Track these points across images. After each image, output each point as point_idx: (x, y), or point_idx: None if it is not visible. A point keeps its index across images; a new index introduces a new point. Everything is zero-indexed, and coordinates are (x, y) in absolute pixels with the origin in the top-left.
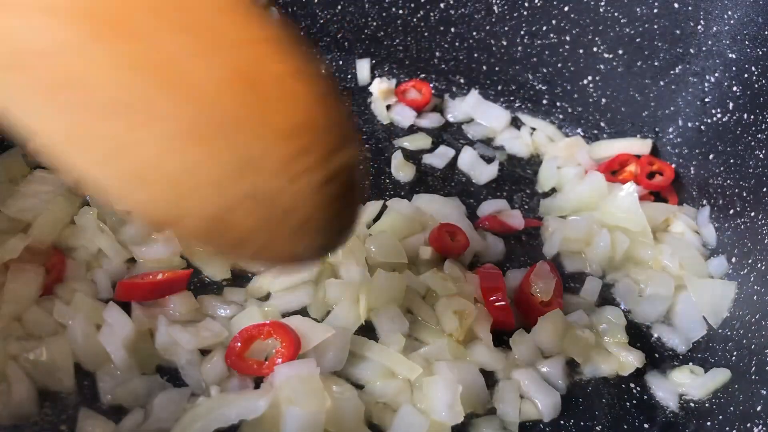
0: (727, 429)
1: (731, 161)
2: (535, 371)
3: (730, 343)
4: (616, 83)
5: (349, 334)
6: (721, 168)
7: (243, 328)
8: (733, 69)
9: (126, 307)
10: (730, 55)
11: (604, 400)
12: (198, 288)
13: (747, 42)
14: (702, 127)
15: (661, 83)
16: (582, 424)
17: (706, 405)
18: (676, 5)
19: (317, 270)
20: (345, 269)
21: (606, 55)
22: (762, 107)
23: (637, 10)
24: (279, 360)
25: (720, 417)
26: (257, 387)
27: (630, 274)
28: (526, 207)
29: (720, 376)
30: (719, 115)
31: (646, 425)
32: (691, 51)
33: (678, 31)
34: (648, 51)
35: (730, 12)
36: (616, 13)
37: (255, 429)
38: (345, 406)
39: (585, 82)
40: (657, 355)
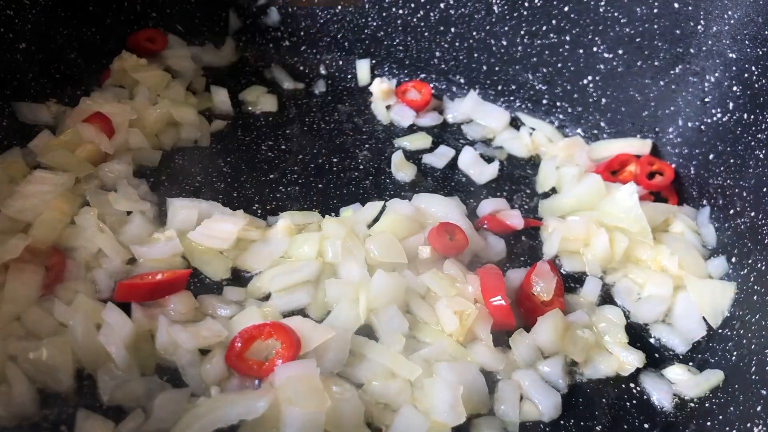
0: (727, 429)
1: (731, 161)
2: (536, 371)
3: (730, 343)
4: (616, 83)
5: (349, 334)
6: (721, 168)
7: (243, 328)
8: (733, 69)
9: (126, 308)
10: (730, 55)
11: (604, 400)
12: (198, 288)
13: (747, 42)
14: (702, 127)
15: (661, 83)
16: (582, 424)
17: (705, 405)
18: (676, 5)
19: (317, 270)
20: (345, 269)
21: (606, 55)
22: (762, 107)
23: (637, 10)
24: (279, 361)
25: (720, 417)
26: (257, 387)
27: (629, 274)
28: (525, 207)
29: (714, 377)
30: (719, 115)
31: (646, 425)
32: (691, 51)
33: (678, 31)
34: (648, 51)
35: (730, 12)
36: (616, 13)
37: (255, 429)
38: (345, 406)
39: (585, 82)
40: (657, 355)
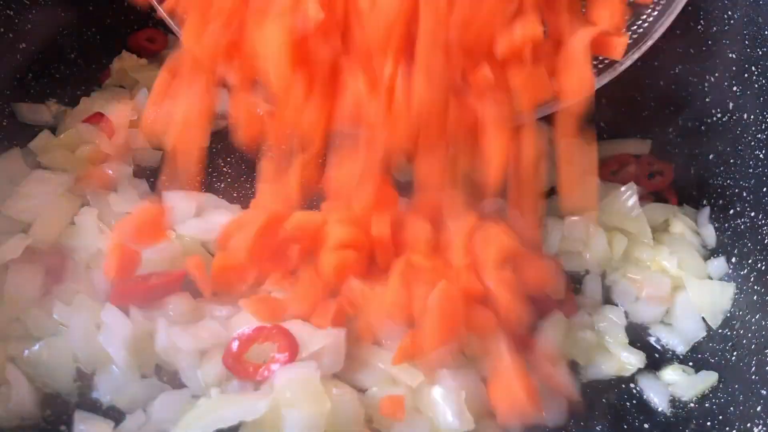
0: (727, 429)
1: (731, 161)
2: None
3: (730, 343)
4: (616, 83)
5: (342, 333)
6: (721, 168)
7: (241, 330)
8: (733, 69)
9: (125, 308)
10: (730, 55)
11: (604, 400)
12: (196, 288)
13: (747, 42)
14: (702, 127)
15: (661, 83)
16: (582, 424)
17: (705, 405)
18: None
19: None
20: None
21: None
22: (762, 107)
23: None
24: (277, 363)
25: (720, 417)
26: (257, 389)
27: (628, 274)
28: None
29: (709, 378)
30: (719, 115)
31: (646, 425)
32: (691, 51)
33: (678, 31)
34: (648, 51)
35: (730, 12)
36: None
37: (255, 431)
38: (345, 408)
39: None
40: (657, 356)
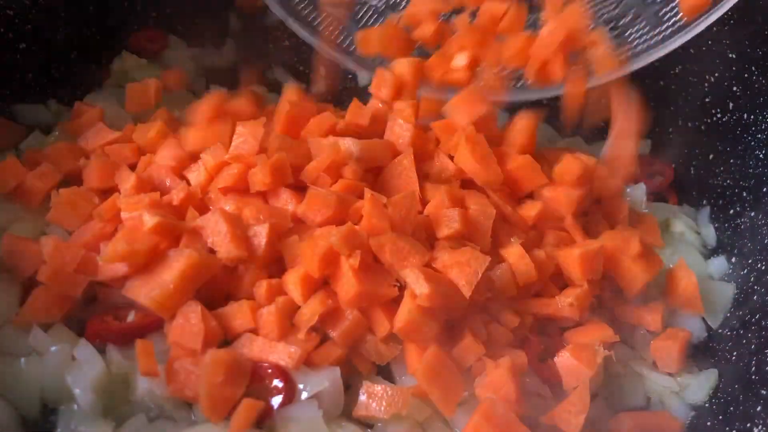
0: (727, 429)
1: (731, 161)
2: None
3: (730, 343)
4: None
5: (337, 371)
6: (721, 168)
7: None
8: (733, 69)
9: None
10: (730, 55)
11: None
12: None
13: (747, 42)
14: (702, 127)
15: (661, 83)
16: None
17: (705, 405)
18: None
19: None
20: None
21: None
22: (762, 107)
23: None
24: (276, 404)
25: (720, 417)
26: (259, 428)
27: None
28: None
29: (712, 377)
30: (719, 115)
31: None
32: (691, 51)
33: None
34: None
35: (730, 12)
36: None
37: None
38: None
39: None
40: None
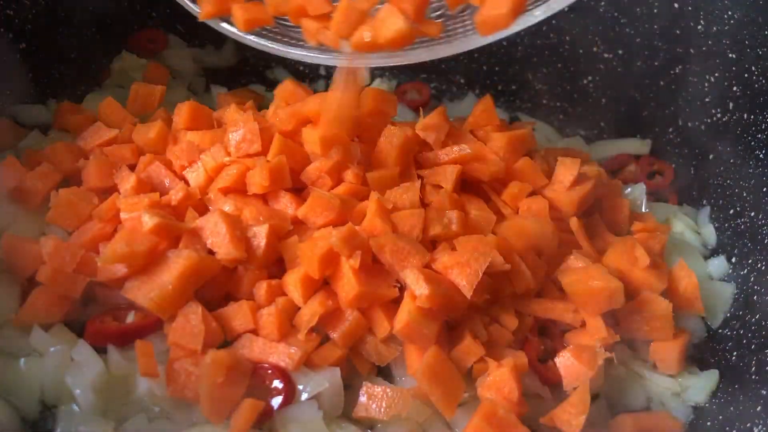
0: (727, 429)
1: (731, 161)
2: None
3: (730, 343)
4: (616, 83)
5: (338, 372)
6: (721, 168)
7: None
8: (733, 69)
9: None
10: (730, 55)
11: None
12: None
13: (747, 42)
14: (702, 127)
15: (661, 83)
16: None
17: (705, 405)
18: (676, 5)
19: None
20: None
21: (606, 55)
22: (762, 107)
23: (637, 10)
24: (276, 404)
25: (720, 417)
26: (259, 429)
27: None
28: None
29: (713, 378)
30: (719, 115)
31: None
32: (691, 51)
33: (678, 31)
34: (648, 51)
35: (730, 12)
36: (616, 13)
37: None
38: None
39: (585, 82)
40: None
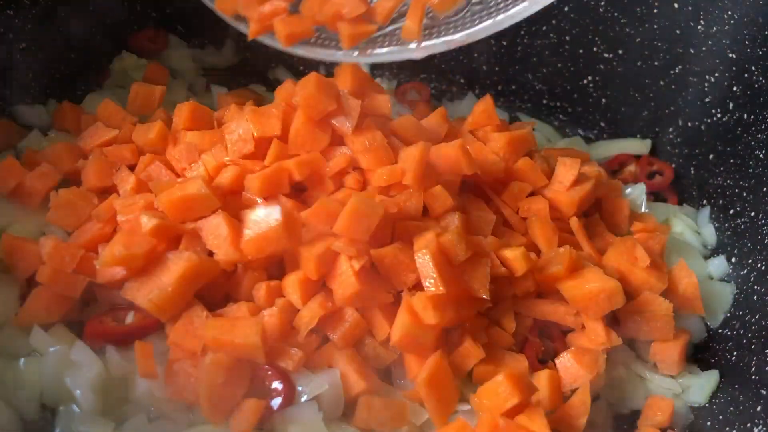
0: (727, 429)
1: (731, 161)
2: None
3: (730, 343)
4: (616, 83)
5: (338, 373)
6: (721, 168)
7: None
8: (733, 69)
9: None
10: (730, 55)
11: None
12: None
13: (747, 42)
14: (702, 127)
15: (661, 83)
16: None
17: (705, 405)
18: (676, 5)
19: None
20: None
21: (606, 55)
22: (762, 107)
23: (637, 10)
24: (275, 405)
25: (720, 417)
26: (259, 430)
27: None
28: None
29: (713, 378)
30: (719, 115)
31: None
32: (691, 51)
33: (678, 31)
34: (648, 51)
35: (730, 12)
36: (616, 13)
37: None
38: None
39: (585, 82)
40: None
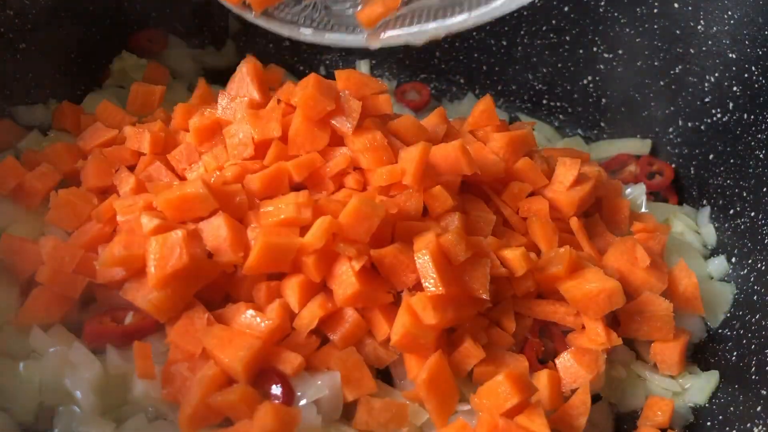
0: (727, 429)
1: (731, 161)
2: None
3: (730, 343)
4: (616, 83)
5: (337, 376)
6: (721, 168)
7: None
8: (733, 69)
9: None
10: (730, 55)
11: None
12: None
13: (747, 42)
14: (702, 127)
15: (661, 83)
16: None
17: (705, 405)
18: (676, 5)
19: None
20: None
21: (606, 55)
22: (762, 107)
23: (637, 10)
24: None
25: (720, 417)
26: None
27: None
28: None
29: (713, 378)
30: (719, 115)
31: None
32: (691, 51)
33: (678, 31)
34: (648, 51)
35: (730, 12)
36: (616, 13)
37: None
38: None
39: (585, 82)
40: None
